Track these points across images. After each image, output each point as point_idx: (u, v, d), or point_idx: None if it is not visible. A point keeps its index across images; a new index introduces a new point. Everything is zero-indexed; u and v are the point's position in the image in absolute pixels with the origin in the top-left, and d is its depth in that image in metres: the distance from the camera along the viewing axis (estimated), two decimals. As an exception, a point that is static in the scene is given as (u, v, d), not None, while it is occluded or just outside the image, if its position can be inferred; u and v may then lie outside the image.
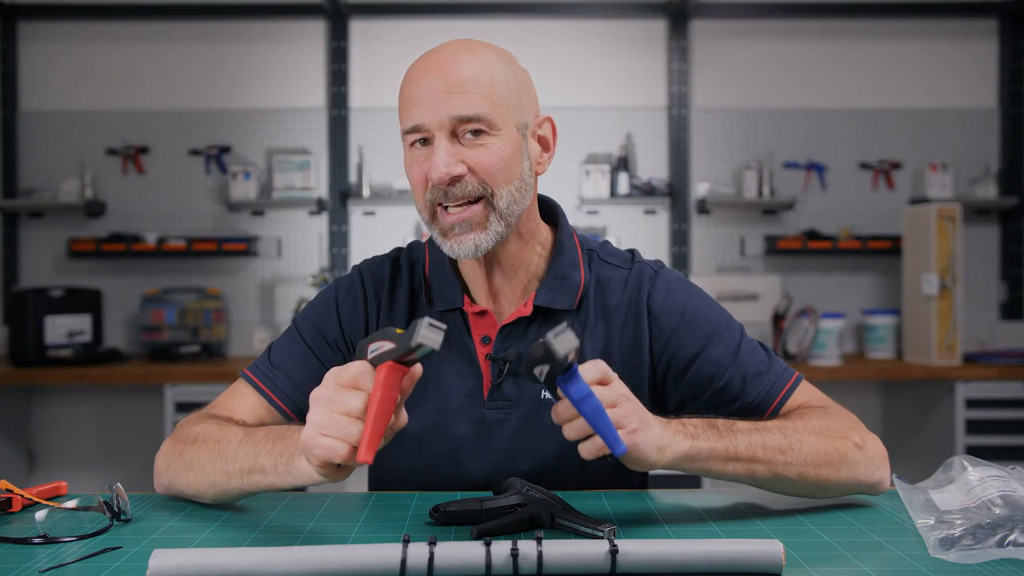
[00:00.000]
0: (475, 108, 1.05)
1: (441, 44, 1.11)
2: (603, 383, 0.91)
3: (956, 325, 3.33)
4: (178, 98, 3.85)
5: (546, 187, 1.24)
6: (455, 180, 1.06)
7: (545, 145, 1.17)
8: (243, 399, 1.16)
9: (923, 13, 3.85)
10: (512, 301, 1.17)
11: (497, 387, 1.14)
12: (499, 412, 1.14)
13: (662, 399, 1.19)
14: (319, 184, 3.78)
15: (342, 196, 3.79)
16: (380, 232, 3.83)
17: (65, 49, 3.86)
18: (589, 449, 0.88)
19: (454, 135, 1.06)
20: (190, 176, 3.84)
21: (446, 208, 1.08)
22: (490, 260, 1.14)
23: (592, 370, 0.90)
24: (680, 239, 3.82)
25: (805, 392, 1.16)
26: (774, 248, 3.76)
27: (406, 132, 1.08)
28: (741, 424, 1.01)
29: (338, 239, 3.81)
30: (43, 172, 3.82)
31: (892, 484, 1.03)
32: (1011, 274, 3.85)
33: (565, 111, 3.78)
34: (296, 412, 1.15)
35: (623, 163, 3.73)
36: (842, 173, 3.86)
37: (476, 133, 1.06)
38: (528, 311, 1.14)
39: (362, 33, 3.87)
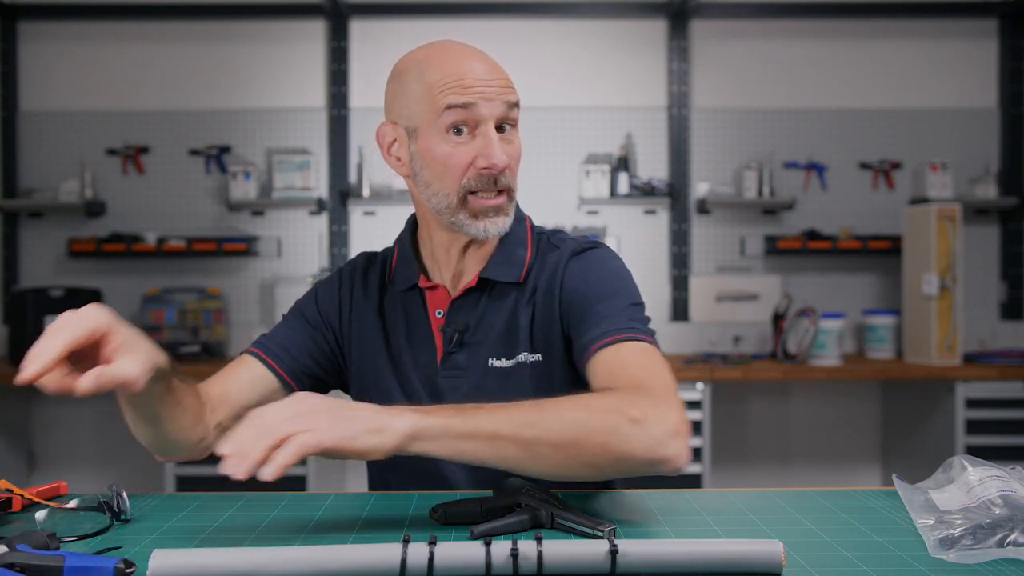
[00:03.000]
0: (517, 96, 1.14)
1: (451, 41, 1.17)
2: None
3: (956, 325, 3.33)
4: (178, 98, 3.85)
5: (546, 187, 1.27)
6: (504, 169, 1.14)
7: None
8: (236, 367, 1.25)
9: (923, 13, 3.85)
10: (467, 278, 1.24)
11: (449, 355, 1.21)
12: (451, 380, 1.21)
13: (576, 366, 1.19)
14: (319, 184, 3.78)
15: (342, 196, 3.79)
16: (380, 232, 3.83)
17: (65, 49, 3.87)
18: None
19: (496, 127, 1.14)
20: (190, 176, 3.84)
21: (475, 194, 1.15)
22: (469, 243, 1.22)
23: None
24: (680, 239, 3.82)
25: (642, 355, 1.09)
26: (774, 248, 3.76)
27: (453, 106, 1.11)
28: (491, 404, 0.96)
29: (338, 239, 3.81)
30: (43, 172, 3.82)
31: (894, 485, 1.02)
32: (1011, 274, 3.85)
33: (565, 111, 3.79)
34: (287, 372, 1.24)
35: (623, 163, 3.73)
36: (842, 173, 3.86)
37: (506, 129, 1.15)
38: (474, 283, 1.22)
39: (362, 33, 3.87)
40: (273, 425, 0.87)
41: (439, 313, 1.24)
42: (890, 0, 3.84)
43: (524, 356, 1.20)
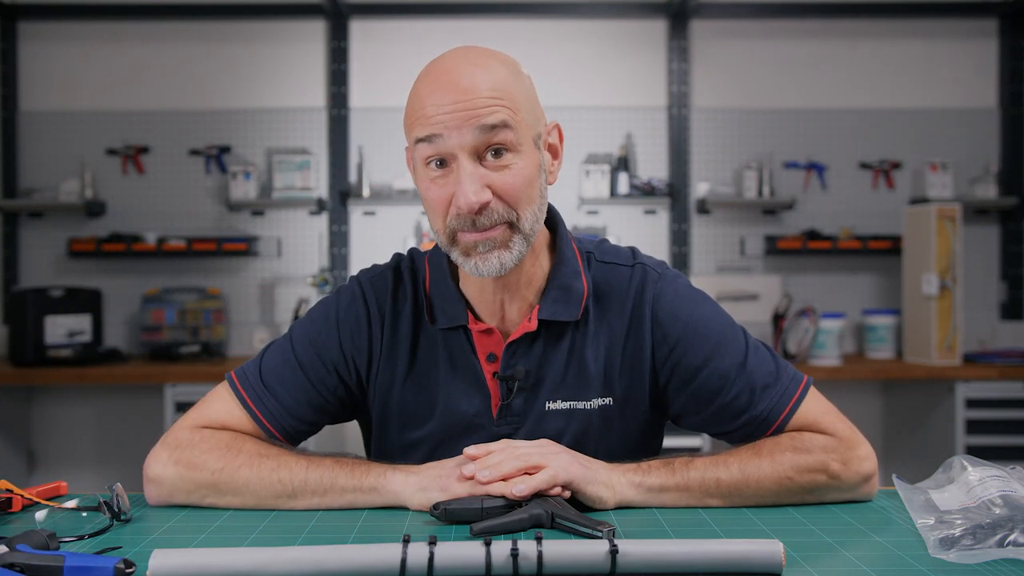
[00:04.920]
0: (499, 117, 1.00)
1: (447, 56, 1.06)
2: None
3: (956, 325, 3.33)
4: (178, 98, 3.85)
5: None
6: (483, 208, 1.01)
7: (554, 153, 1.14)
8: (231, 412, 1.12)
9: (923, 13, 3.85)
10: (517, 317, 1.13)
11: (507, 406, 1.12)
12: (508, 428, 1.13)
13: (662, 406, 1.17)
14: (319, 184, 3.78)
15: (342, 196, 3.79)
16: (380, 232, 3.83)
17: (65, 49, 3.86)
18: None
19: (475, 156, 1.01)
20: (190, 176, 3.84)
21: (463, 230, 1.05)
22: (502, 278, 1.09)
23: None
24: (680, 239, 3.82)
25: (813, 402, 1.11)
26: (774, 248, 3.76)
27: (420, 140, 1.02)
28: (699, 461, 1.04)
29: (338, 239, 3.81)
30: (43, 172, 3.82)
31: (894, 485, 1.02)
32: (1011, 274, 3.85)
33: (565, 111, 3.78)
34: (283, 433, 1.13)
35: (623, 163, 3.73)
36: (842, 173, 3.86)
37: (497, 154, 1.02)
38: (533, 326, 1.11)
39: (362, 33, 3.87)
40: (525, 454, 0.99)
41: (491, 358, 1.12)
42: (890, 0, 3.84)
43: (595, 401, 1.13)
